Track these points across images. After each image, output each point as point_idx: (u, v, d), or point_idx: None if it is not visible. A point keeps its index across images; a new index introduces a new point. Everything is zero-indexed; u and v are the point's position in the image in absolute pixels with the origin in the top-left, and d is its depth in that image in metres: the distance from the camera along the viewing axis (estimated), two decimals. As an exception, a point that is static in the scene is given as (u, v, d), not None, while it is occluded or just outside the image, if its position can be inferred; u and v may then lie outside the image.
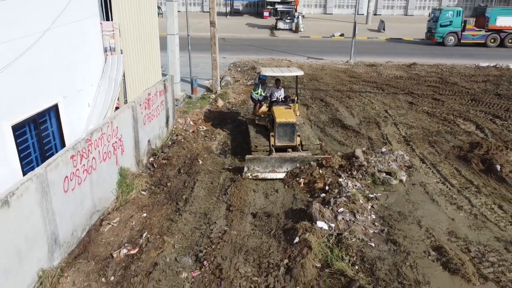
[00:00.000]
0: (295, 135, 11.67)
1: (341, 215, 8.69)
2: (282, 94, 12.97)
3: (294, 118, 11.73)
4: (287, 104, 12.51)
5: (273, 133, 11.66)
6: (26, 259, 6.41)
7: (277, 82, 13.21)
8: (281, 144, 11.62)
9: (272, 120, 12.07)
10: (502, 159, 11.80)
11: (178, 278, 7.32)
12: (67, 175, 7.40)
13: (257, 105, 13.07)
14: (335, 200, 9.17)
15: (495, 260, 7.88)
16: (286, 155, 11.10)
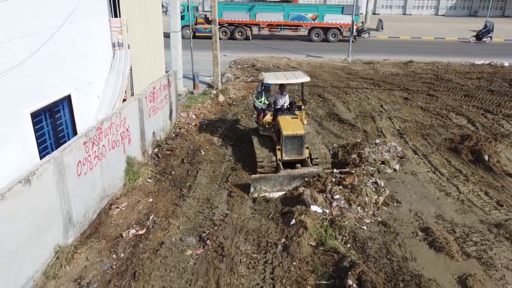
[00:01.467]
0: (304, 148, 10.74)
1: (336, 201, 9.07)
2: (287, 101, 12.07)
3: (302, 129, 10.78)
4: (293, 113, 11.58)
5: (280, 147, 10.76)
6: (44, 234, 6.99)
7: (281, 87, 12.21)
8: (288, 158, 10.70)
9: (277, 131, 11.15)
10: (490, 150, 12.38)
11: (183, 255, 7.89)
12: (80, 160, 7.98)
13: (260, 114, 12.14)
14: (331, 187, 9.58)
15: (478, 240, 8.46)
16: (295, 172, 10.15)
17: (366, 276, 6.95)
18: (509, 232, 8.64)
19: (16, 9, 7.33)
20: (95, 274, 7.28)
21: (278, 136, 11.05)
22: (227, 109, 16.90)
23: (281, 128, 10.78)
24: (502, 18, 51.50)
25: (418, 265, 7.63)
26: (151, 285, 7.08)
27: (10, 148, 7.36)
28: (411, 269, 7.43)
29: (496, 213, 9.53)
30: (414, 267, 7.51)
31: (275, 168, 10.72)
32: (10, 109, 7.26)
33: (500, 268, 7.61)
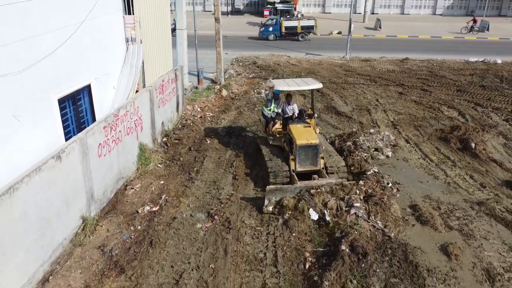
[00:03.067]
0: (319, 158, 10.20)
1: (355, 209, 8.70)
2: (295, 110, 11.61)
3: (317, 138, 10.30)
4: (304, 121, 11.09)
5: (293, 157, 10.21)
6: (71, 207, 7.85)
7: (288, 97, 11.65)
8: (302, 169, 10.18)
9: (289, 140, 10.69)
10: (477, 139, 13.25)
11: (194, 228, 8.76)
12: (101, 142, 8.84)
13: (270, 123, 11.66)
14: (350, 196, 9.09)
15: (460, 215, 9.34)
16: (312, 184, 9.54)
17: (358, 243, 7.81)
18: (489, 209, 9.51)
19: (48, 7, 8.20)
20: (116, 242, 8.14)
21: (290, 146, 10.56)
22: (230, 103, 17.76)
23: (294, 137, 10.23)
24: (498, 17, 52.36)
25: (405, 235, 8.50)
26: (166, 251, 7.95)
27: (42, 128, 8.24)
28: (399, 238, 8.30)
29: (479, 193, 10.41)
30: (402, 237, 8.38)
31: (289, 179, 10.18)
32: (42, 95, 8.14)
33: (478, 238, 8.49)
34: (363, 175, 10.59)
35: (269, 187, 9.34)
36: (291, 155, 10.39)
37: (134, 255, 7.80)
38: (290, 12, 42.08)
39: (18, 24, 7.45)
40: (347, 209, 8.72)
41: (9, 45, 7.06)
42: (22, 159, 7.35)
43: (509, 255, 7.97)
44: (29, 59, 7.65)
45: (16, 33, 7.33)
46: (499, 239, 8.47)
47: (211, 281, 7.22)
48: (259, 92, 19.09)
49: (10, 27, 7.33)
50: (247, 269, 7.57)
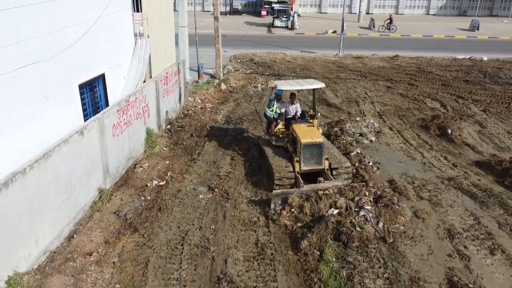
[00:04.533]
0: (323, 157, 10.21)
1: (364, 211, 8.67)
2: (298, 110, 11.64)
3: (321, 137, 10.32)
4: (307, 121, 11.17)
5: (297, 158, 10.19)
6: (91, 177, 9.08)
7: (292, 96, 11.63)
8: (307, 169, 10.18)
9: (293, 140, 10.70)
10: (454, 126, 14.52)
11: (197, 198, 9.99)
12: (114, 124, 10.07)
13: (272, 124, 11.51)
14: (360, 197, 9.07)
15: (431, 188, 10.60)
16: (318, 186, 9.45)
17: (341, 208, 9.01)
18: (458, 184, 10.77)
19: (71, 4, 9.44)
20: (129, 209, 9.37)
21: (294, 146, 10.58)
22: (229, 96, 19.00)
23: (298, 136, 10.22)
24: (490, 17, 53.68)
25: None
26: (173, 215, 9.19)
27: (66, 109, 9.47)
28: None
29: (451, 171, 11.68)
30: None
31: (294, 181, 10.14)
32: (66, 80, 9.37)
33: (445, 206, 9.75)
34: (347, 155, 11.82)
35: (275, 191, 9.28)
36: (295, 157, 10.30)
37: (146, 218, 9.04)
38: (287, 12, 43.34)
39: (48, 19, 8.68)
40: (356, 210, 8.64)
41: (42, 37, 8.28)
42: (50, 135, 8.56)
43: (470, 219, 9.22)
44: (57, 49, 8.88)
45: (47, 27, 8.56)
46: (463, 207, 9.73)
47: (212, 238, 8.46)
48: (255, 86, 20.36)
49: (42, 21, 8.56)
50: (242, 229, 8.81)
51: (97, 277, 7.27)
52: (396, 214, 8.88)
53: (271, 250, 8.09)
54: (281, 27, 42.18)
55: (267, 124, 11.96)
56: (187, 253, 7.97)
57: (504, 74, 23.46)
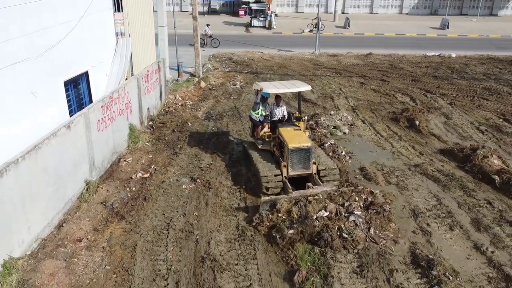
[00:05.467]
0: (311, 161, 10.00)
1: (354, 216, 8.54)
2: (284, 112, 11.49)
3: (308, 141, 10.11)
4: (294, 124, 11.01)
5: (285, 163, 9.98)
6: (78, 169, 9.51)
7: (277, 98, 11.40)
8: (295, 174, 10.00)
9: (280, 144, 10.47)
10: (422, 118, 15.46)
11: (180, 188, 10.53)
12: (99, 119, 10.50)
13: (258, 127, 11.30)
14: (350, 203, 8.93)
15: (399, 174, 11.42)
16: (307, 193, 9.29)
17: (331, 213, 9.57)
18: (423, 170, 11.63)
19: (55, 5, 9.83)
20: (115, 199, 9.83)
21: (281, 150, 10.38)
22: (208, 93, 19.54)
23: (285, 141, 10.02)
24: (460, 16, 55.67)
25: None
26: (158, 204, 9.71)
27: (52, 105, 9.85)
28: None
29: (417, 159, 12.54)
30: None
31: (282, 187, 9.97)
32: (51, 77, 9.75)
33: (410, 190, 10.57)
34: (321, 146, 12.55)
35: (263, 199, 9.17)
36: (282, 161, 10.10)
37: (132, 207, 9.53)
38: (264, 12, 44.05)
39: (35, 19, 9.08)
40: (346, 215, 8.54)
41: (28, 35, 8.67)
42: (38, 129, 8.94)
43: (432, 200, 10.06)
44: (42, 47, 9.28)
45: (33, 26, 8.96)
46: (427, 190, 10.57)
47: (195, 223, 9.02)
48: (234, 84, 20.96)
49: (28, 20, 8.95)
50: (224, 215, 9.40)
51: (88, 260, 7.74)
52: (387, 221, 8.79)
53: (251, 232, 8.71)
54: (258, 27, 42.86)
55: (252, 127, 11.76)
56: (173, 237, 8.51)
57: (470, 70, 24.72)
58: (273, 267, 7.73)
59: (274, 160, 10.54)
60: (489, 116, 16.41)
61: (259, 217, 8.90)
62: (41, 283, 6.99)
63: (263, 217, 8.87)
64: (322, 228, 8.24)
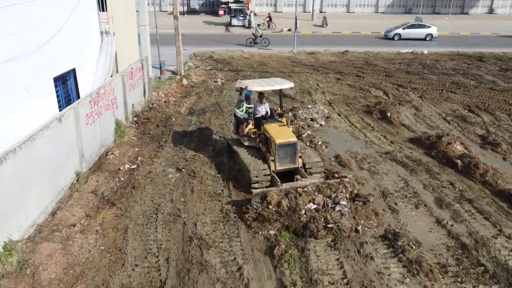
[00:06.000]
0: (297, 155, 10.45)
1: (340, 206, 8.95)
2: (267, 109, 11.83)
3: (294, 136, 10.59)
4: (278, 120, 11.36)
5: (272, 157, 10.33)
6: (69, 161, 10.03)
7: (261, 96, 11.71)
8: (282, 168, 10.37)
9: (266, 140, 10.80)
10: (393, 110, 16.44)
11: (166, 178, 11.14)
12: (87, 113, 11.02)
13: (243, 124, 11.59)
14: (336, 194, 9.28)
15: (371, 161, 12.29)
16: (296, 185, 9.63)
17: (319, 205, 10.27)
18: (393, 156, 12.54)
19: (44, 5, 10.32)
20: (105, 188, 10.39)
21: (267, 145, 10.73)
22: (190, 90, 20.14)
23: (272, 137, 10.37)
24: (433, 14, 57.57)
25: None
26: (146, 192, 10.32)
27: (43, 100, 10.33)
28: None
29: (388, 147, 13.46)
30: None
31: (270, 181, 10.32)
32: (42, 73, 10.23)
33: (381, 174, 11.45)
34: (299, 137, 13.33)
35: (255, 191, 9.48)
36: (269, 156, 10.44)
37: (121, 195, 10.11)
38: (244, 11, 44.76)
39: (26, 18, 9.56)
40: (332, 206, 8.93)
41: (20, 34, 9.15)
42: (29, 123, 9.43)
43: (400, 183, 10.96)
44: (33, 45, 9.77)
45: (24, 25, 9.45)
46: (396, 174, 11.47)
47: (182, 208, 9.67)
48: (215, 81, 21.61)
49: (20, 20, 9.43)
50: (209, 200, 10.08)
51: (83, 242, 8.31)
52: (371, 211, 9.19)
53: (234, 214, 9.42)
54: (238, 26, 43.55)
55: (236, 124, 12.00)
56: (161, 220, 9.14)
57: (440, 65, 26.00)
58: (255, 244, 8.44)
59: (260, 156, 10.88)
60: (456, 108, 17.53)
61: (250, 208, 9.22)
62: (40, 263, 7.53)
63: (253, 208, 9.19)
64: (309, 220, 8.62)
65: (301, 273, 7.57)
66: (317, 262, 7.85)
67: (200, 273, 7.49)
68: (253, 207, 9.19)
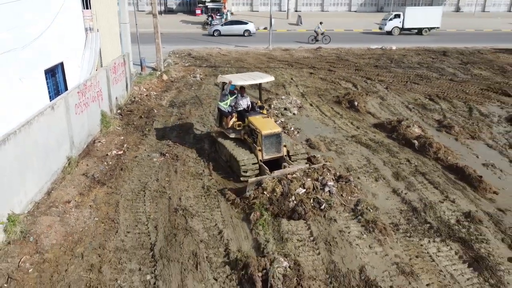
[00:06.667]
0: (282, 145, 11.09)
1: (329, 187, 9.81)
2: (249, 102, 12.41)
3: (278, 127, 11.26)
4: (261, 113, 12.00)
5: (259, 147, 10.90)
6: (61, 146, 10.89)
7: (242, 90, 12.28)
8: (269, 157, 10.96)
9: (251, 131, 11.38)
10: (360, 100, 17.80)
11: (151, 161, 12.11)
12: (76, 103, 11.88)
13: (228, 118, 12.06)
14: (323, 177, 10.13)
15: (338, 143, 13.55)
16: (286, 171, 10.19)
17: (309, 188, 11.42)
18: (358, 139, 13.83)
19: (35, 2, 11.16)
20: (95, 171, 11.29)
21: (252, 136, 11.27)
22: (171, 85, 21.07)
23: (258, 128, 10.92)
24: (403, 13, 59.75)
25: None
26: (133, 173, 11.28)
27: (35, 91, 11.14)
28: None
29: (354, 132, 14.76)
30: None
31: (258, 170, 10.86)
32: (34, 66, 11.04)
33: (346, 154, 12.72)
34: (274, 124, 14.45)
35: (250, 180, 9.92)
36: (256, 146, 10.97)
37: (111, 176, 11.04)
38: (221, 10, 45.79)
39: (19, 14, 10.37)
40: (321, 187, 9.80)
41: (13, 29, 9.98)
42: (23, 112, 10.25)
43: (363, 161, 12.23)
44: (25, 40, 10.59)
45: (18, 21, 10.28)
46: (360, 154, 12.75)
47: (167, 186, 10.68)
48: (194, 76, 22.61)
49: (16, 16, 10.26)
50: (191, 178, 11.11)
51: (79, 215, 9.23)
52: (353, 188, 10.25)
53: (215, 189, 10.49)
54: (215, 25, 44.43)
55: (220, 117, 12.44)
56: (149, 196, 10.14)
57: (407, 60, 27.67)
58: (234, 213, 9.53)
59: (246, 147, 11.40)
60: (418, 97, 19.04)
61: (245, 196, 9.78)
62: (41, 232, 8.43)
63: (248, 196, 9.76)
64: (296, 204, 9.28)
65: (273, 234, 8.70)
66: (288, 225, 8.99)
67: (185, 236, 8.53)
68: (248, 195, 9.72)
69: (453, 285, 7.33)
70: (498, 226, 9.06)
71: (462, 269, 7.75)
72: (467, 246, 8.33)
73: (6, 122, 9.31)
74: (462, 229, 8.90)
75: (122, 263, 7.78)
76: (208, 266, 7.76)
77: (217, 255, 8.09)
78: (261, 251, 8.11)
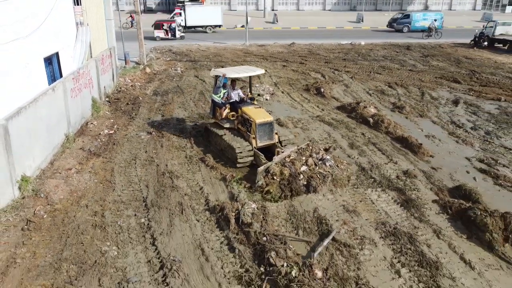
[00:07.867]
0: (274, 132, 11.87)
1: (328, 161, 10.89)
2: (240, 94, 13.08)
3: (270, 116, 11.97)
4: (253, 103, 12.70)
5: (253, 135, 11.61)
6: (60, 124, 12.45)
7: (233, 82, 13.00)
8: (262, 144, 11.68)
9: (245, 121, 12.07)
10: (326, 87, 19.81)
11: (140, 138, 13.77)
12: (72, 88, 13.46)
13: (222, 109, 12.66)
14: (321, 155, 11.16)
15: (304, 122, 15.48)
16: (283, 155, 10.91)
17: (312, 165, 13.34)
18: (321, 118, 15.80)
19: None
20: (90, 146, 12.89)
21: (246, 125, 12.02)
22: (154, 76, 22.68)
23: (251, 117, 11.65)
24: (375, 11, 62.58)
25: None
26: (124, 147, 12.94)
27: (36, 76, 12.67)
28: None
29: (319, 113, 16.73)
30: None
31: (252, 156, 11.53)
32: (35, 54, 12.59)
33: (310, 130, 14.66)
34: (248, 107, 16.26)
35: (260, 168, 10.53)
36: (250, 135, 11.66)
37: (105, 149, 12.67)
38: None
39: (20, 9, 11.92)
40: (320, 163, 10.79)
41: (15, 23, 11.53)
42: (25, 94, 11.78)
43: (324, 135, 14.18)
44: (27, 31, 12.14)
45: (19, 15, 11.83)
46: (322, 130, 14.70)
47: (155, 156, 12.38)
48: (176, 69, 24.26)
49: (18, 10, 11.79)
50: (176, 151, 12.83)
51: (80, 178, 10.85)
52: (339, 159, 11.69)
53: (196, 158, 12.25)
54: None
55: (213, 108, 13.04)
56: (139, 164, 11.82)
57: (373, 54, 29.94)
58: (213, 174, 11.31)
59: (240, 136, 12.10)
60: (378, 85, 21.18)
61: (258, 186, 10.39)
62: (49, 190, 10.03)
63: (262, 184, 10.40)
64: (308, 179, 10.27)
65: (245, 188, 10.53)
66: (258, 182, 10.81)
67: (172, 191, 10.27)
68: (260, 184, 10.32)
69: (386, 219, 9.30)
70: (429, 179, 11.11)
71: (395, 209, 9.73)
72: (402, 193, 10.33)
73: (15, 100, 10.87)
74: (400, 182, 10.91)
75: (121, 211, 9.47)
76: (192, 211, 9.52)
77: (198, 204, 9.86)
78: (234, 200, 9.92)
